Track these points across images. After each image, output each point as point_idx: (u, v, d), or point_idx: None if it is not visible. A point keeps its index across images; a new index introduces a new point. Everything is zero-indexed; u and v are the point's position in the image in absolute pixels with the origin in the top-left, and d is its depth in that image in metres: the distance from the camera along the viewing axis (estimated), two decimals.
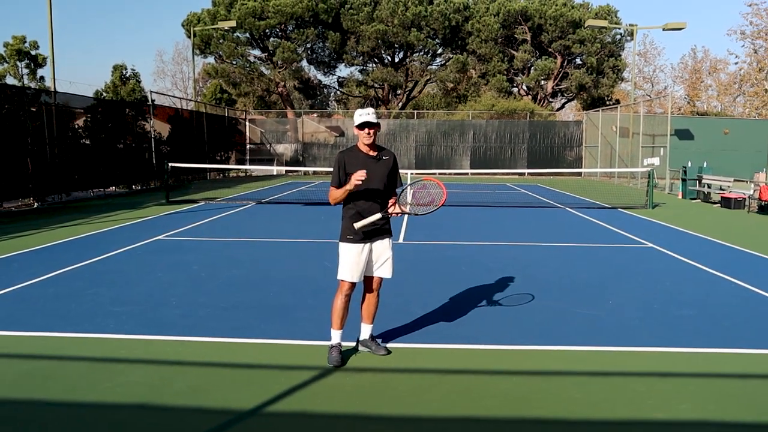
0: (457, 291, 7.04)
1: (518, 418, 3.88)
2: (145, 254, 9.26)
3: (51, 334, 5.41)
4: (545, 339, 5.37)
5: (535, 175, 31.94)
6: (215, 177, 29.50)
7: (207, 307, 6.32)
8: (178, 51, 59.61)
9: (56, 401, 4.07)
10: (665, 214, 15.03)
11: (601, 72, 37.53)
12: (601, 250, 10.12)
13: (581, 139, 33.13)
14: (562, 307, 6.44)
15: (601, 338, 5.41)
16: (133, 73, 24.73)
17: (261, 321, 5.85)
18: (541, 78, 38.18)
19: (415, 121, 34.50)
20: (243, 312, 6.15)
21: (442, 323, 5.80)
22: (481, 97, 38.33)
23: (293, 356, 4.93)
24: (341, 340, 4.82)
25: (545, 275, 8.00)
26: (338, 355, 4.73)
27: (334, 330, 4.81)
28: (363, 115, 4.62)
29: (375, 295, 4.91)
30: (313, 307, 6.25)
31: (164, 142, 23.99)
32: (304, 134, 34.56)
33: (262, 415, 3.89)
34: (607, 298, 6.83)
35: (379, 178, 4.73)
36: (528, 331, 5.61)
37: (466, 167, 32.91)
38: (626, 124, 26.92)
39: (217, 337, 5.34)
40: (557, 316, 6.08)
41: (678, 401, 4.15)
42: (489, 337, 5.39)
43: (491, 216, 14.64)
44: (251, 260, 8.90)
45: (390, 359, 4.86)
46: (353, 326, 5.10)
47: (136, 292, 6.94)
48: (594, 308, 6.38)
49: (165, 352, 5.01)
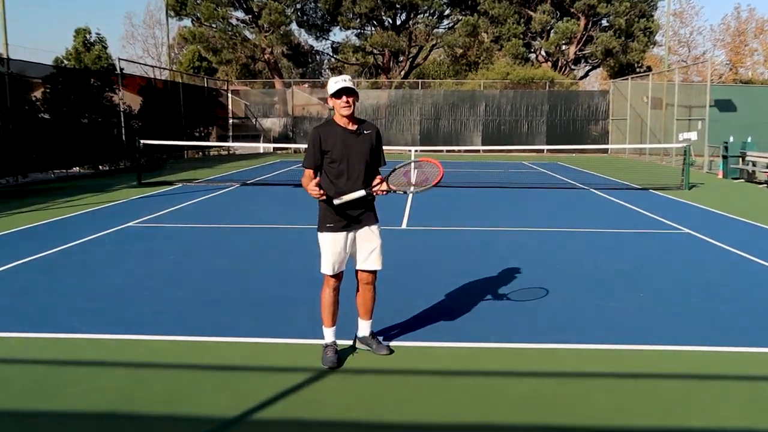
0: (467, 282, 7.03)
1: (536, 425, 3.88)
2: (114, 243, 9.25)
3: (3, 334, 5.39)
4: (567, 336, 5.37)
5: (556, 152, 31.87)
6: (194, 156, 29.46)
7: (185, 302, 6.32)
8: (150, 13, 59.37)
9: (2, 411, 4.05)
10: (703, 196, 15.00)
11: (630, 35, 37.31)
12: (630, 236, 10.10)
13: (607, 111, 33.03)
14: (586, 300, 6.43)
15: (631, 335, 5.41)
16: (99, 38, 24.67)
17: (247, 317, 5.85)
18: (562, 42, 37.97)
19: (420, 92, 34.38)
20: (227, 307, 6.15)
21: (450, 319, 5.80)
22: (494, 65, 38.16)
23: (283, 357, 4.93)
24: (336, 338, 4.82)
25: (567, 264, 7.99)
26: (333, 355, 4.73)
27: (327, 328, 4.80)
28: (339, 82, 4.54)
29: (370, 288, 4.89)
30: (307, 301, 6.23)
31: (135, 116, 23.93)
32: (294, 107, 34.47)
33: (248, 423, 3.89)
34: (638, 290, 6.82)
35: (360, 156, 4.66)
36: (548, 327, 5.60)
37: (478, 143, 32.86)
38: (659, 94, 26.82)
39: (198, 336, 5.34)
40: (580, 311, 6.07)
41: (719, 407, 4.14)
42: (503, 335, 5.39)
43: (506, 198, 14.62)
44: (236, 249, 8.90)
45: (392, 359, 4.86)
46: (351, 322, 5.10)
47: (105, 285, 6.93)
48: (623, 301, 6.38)
49: (138, 352, 5.01)
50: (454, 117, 33.50)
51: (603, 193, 15.40)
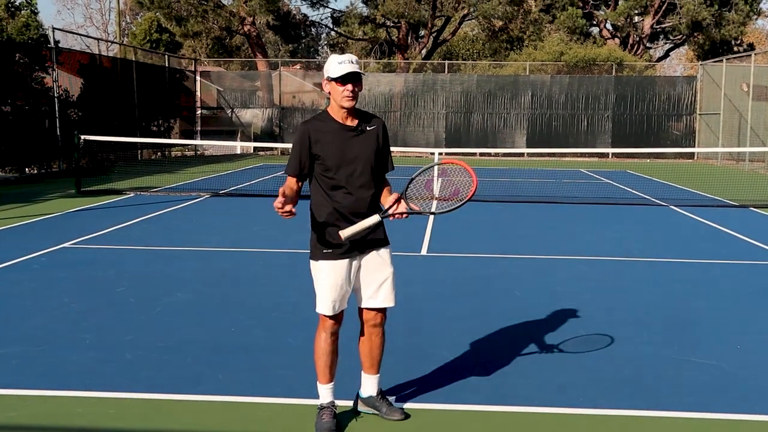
0: (506, 326, 7.02)
1: None
2: (45, 269, 9.28)
3: None
4: (639, 400, 5.34)
5: (624, 156, 31.85)
6: (151, 156, 29.59)
7: (138, 347, 6.33)
8: None
9: None
10: None
11: (726, 3, 37.35)
12: (724, 268, 10.06)
13: (694, 103, 33.01)
14: (664, 353, 6.40)
15: (726, 401, 5.37)
16: (26, 1, 24.86)
17: (218, 368, 5.85)
18: (635, 12, 38.11)
19: (446, 77, 34.50)
20: (192, 355, 6.15)
21: (482, 374, 5.79)
22: (545, 42, 38.30)
23: (265, 422, 4.93)
24: (335, 398, 4.82)
25: (638, 305, 7.96)
26: (331, 419, 4.72)
27: (322, 385, 4.80)
28: (344, 63, 4.51)
29: (379, 332, 4.88)
30: (295, 349, 6.24)
31: (74, 104, 24.09)
32: (283, 94, 34.65)
33: None
34: (734, 341, 6.79)
35: (363, 160, 4.67)
36: (612, 387, 5.58)
37: (521, 145, 32.89)
38: (764, 80, 26.80)
39: (153, 393, 5.34)
40: (656, 367, 6.04)
41: None
42: (552, 397, 5.37)
43: (558, 217, 14.61)
44: (203, 279, 8.91)
45: (407, 426, 4.86)
46: (351, 377, 5.10)
47: (31, 325, 6.95)
48: (713, 356, 6.34)
49: (73, 414, 5.01)
50: (491, 110, 33.58)
51: (687, 212, 15.35)
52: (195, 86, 34.48)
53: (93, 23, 57.80)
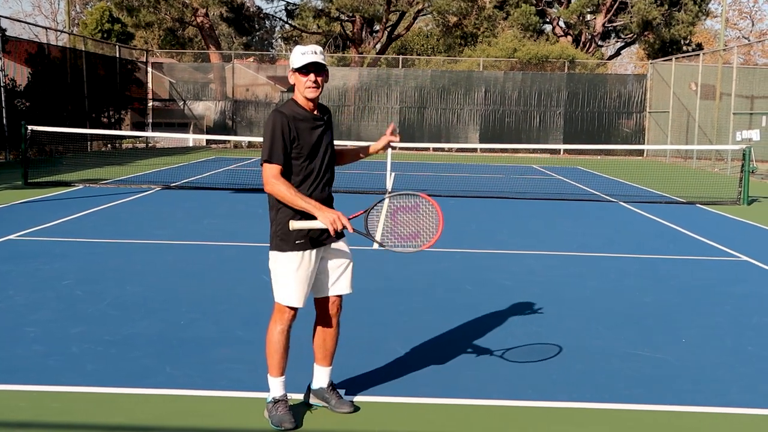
0: (457, 320, 7.05)
1: None
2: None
3: None
4: (587, 393, 5.41)
5: (575, 153, 32.18)
6: (101, 148, 29.22)
7: (85, 341, 6.26)
8: None
9: None
10: (767, 214, 15.23)
11: (676, 2, 37.92)
12: (670, 263, 10.22)
13: (644, 101, 33.48)
14: (611, 346, 6.48)
15: (670, 393, 5.46)
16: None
17: (166, 362, 5.81)
18: (587, 11, 38.50)
19: (401, 71, 34.56)
20: (140, 349, 6.10)
21: (433, 367, 5.81)
22: (498, 38, 38.53)
23: (216, 415, 4.90)
24: (286, 391, 4.80)
25: (586, 299, 8.06)
26: (287, 412, 4.70)
27: (275, 378, 4.78)
28: (308, 54, 4.58)
29: (334, 323, 4.91)
30: (245, 342, 6.22)
31: (21, 93, 23.77)
32: (236, 87, 34.43)
33: None
34: (679, 334, 6.90)
35: (330, 150, 4.83)
36: (561, 381, 5.64)
37: (474, 140, 33.07)
38: (711, 80, 27.24)
39: (101, 387, 5.29)
40: (603, 360, 6.12)
41: None
42: (502, 389, 5.41)
43: (509, 212, 14.72)
44: (153, 272, 8.83)
45: (357, 419, 4.86)
46: (300, 370, 5.09)
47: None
48: (659, 350, 6.43)
49: (15, 408, 4.95)
50: (445, 105, 33.71)
51: (636, 208, 15.55)
52: (147, 78, 34.19)
53: (41, 12, 56.88)
